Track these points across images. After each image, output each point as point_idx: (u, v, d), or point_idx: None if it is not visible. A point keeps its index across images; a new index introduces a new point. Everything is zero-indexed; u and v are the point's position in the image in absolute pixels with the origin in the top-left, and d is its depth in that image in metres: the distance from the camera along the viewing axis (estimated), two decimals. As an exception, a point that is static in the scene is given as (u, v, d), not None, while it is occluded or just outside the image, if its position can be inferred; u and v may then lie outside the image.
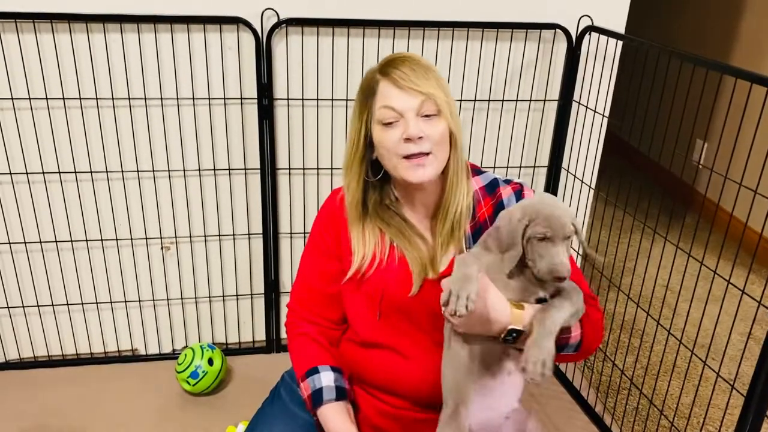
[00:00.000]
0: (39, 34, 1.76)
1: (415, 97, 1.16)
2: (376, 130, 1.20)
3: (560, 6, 1.94)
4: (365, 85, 1.22)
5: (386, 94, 1.18)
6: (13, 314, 2.08)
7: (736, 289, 1.62)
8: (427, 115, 1.17)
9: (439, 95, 1.18)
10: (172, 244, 2.07)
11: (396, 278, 1.26)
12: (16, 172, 1.90)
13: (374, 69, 1.22)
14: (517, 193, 1.27)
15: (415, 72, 1.17)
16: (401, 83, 1.16)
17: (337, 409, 1.27)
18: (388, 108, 1.17)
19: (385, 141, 1.19)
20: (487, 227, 1.24)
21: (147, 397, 2.02)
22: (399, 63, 1.19)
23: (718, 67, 1.48)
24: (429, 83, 1.18)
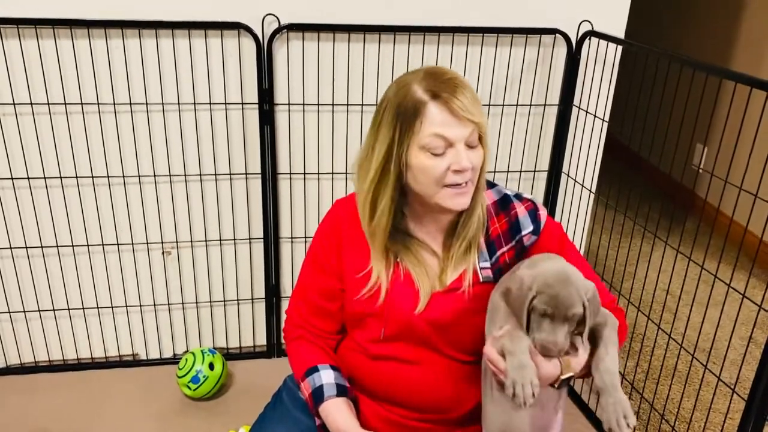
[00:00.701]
0: (41, 39, 1.77)
1: (467, 126, 1.12)
2: (418, 156, 1.13)
3: (560, 11, 1.95)
4: (408, 104, 1.12)
5: (438, 120, 1.11)
6: (14, 319, 2.08)
7: (736, 293, 1.63)
8: (473, 145, 1.14)
9: (485, 122, 1.15)
10: (173, 248, 2.08)
11: (401, 295, 1.24)
12: (17, 177, 1.91)
13: (414, 87, 1.12)
14: (531, 213, 1.26)
15: (468, 99, 1.12)
16: (459, 113, 1.10)
17: (339, 404, 1.25)
18: (440, 137, 1.11)
19: (431, 170, 1.12)
20: (500, 244, 1.24)
21: (148, 402, 2.02)
22: (451, 87, 1.11)
23: (717, 71, 1.49)
24: (479, 111, 1.13)
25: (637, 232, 3.16)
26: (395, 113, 1.13)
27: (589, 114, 2.05)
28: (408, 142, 1.12)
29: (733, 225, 3.07)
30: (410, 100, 1.12)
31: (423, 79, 1.13)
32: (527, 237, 1.25)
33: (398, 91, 1.14)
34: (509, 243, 1.25)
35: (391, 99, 1.14)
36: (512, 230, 1.24)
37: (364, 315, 1.27)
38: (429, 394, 1.27)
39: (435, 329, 1.24)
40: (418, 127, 1.11)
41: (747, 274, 2.93)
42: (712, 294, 1.76)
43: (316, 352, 1.32)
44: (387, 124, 1.14)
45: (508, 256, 1.25)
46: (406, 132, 1.12)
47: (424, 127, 1.11)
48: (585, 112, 2.05)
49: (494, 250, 1.25)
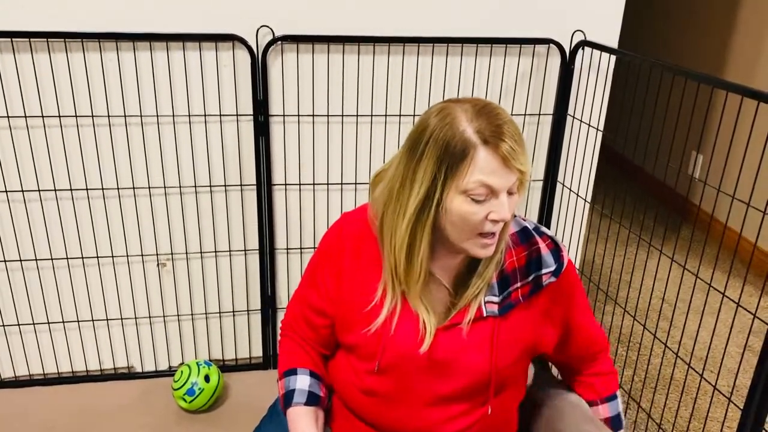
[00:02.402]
0: (35, 53, 1.77)
1: (514, 175, 1.05)
2: (457, 199, 1.05)
3: (553, 21, 1.96)
4: (456, 145, 1.03)
5: (486, 168, 1.03)
6: (8, 332, 2.07)
7: (731, 301, 1.63)
8: (513, 192, 1.07)
9: (530, 171, 1.13)
10: (168, 260, 2.07)
11: (404, 330, 1.18)
12: (11, 190, 1.90)
13: (463, 125, 1.04)
14: (555, 252, 1.19)
15: (518, 146, 1.04)
16: (510, 162, 1.03)
17: (304, 413, 1.23)
18: (486, 186, 1.04)
19: (469, 217, 1.06)
20: (515, 279, 1.17)
21: (143, 414, 2.01)
22: (503, 132, 1.03)
23: (709, 80, 1.50)
24: (527, 159, 1.06)
25: (633, 240, 3.17)
26: (441, 151, 1.04)
27: (584, 123, 2.05)
28: (451, 185, 1.05)
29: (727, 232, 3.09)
30: (459, 140, 1.03)
31: (474, 118, 1.04)
32: (547, 276, 1.18)
33: (444, 125, 1.04)
34: (525, 279, 1.18)
35: (436, 133, 1.04)
36: (531, 266, 1.18)
37: (360, 345, 1.22)
38: (410, 427, 1.22)
39: (430, 366, 1.18)
40: (463, 171, 1.03)
41: (742, 281, 2.93)
42: (708, 302, 1.76)
43: (300, 355, 1.30)
44: (430, 161, 1.05)
45: (521, 292, 1.18)
46: (451, 174, 1.04)
47: (471, 173, 1.03)
48: (579, 121, 2.06)
49: (507, 284, 1.17)
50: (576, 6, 1.96)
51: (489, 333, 1.17)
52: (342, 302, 1.22)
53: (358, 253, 1.21)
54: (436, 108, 1.09)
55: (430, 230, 1.09)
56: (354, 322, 1.21)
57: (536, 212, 2.18)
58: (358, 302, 1.20)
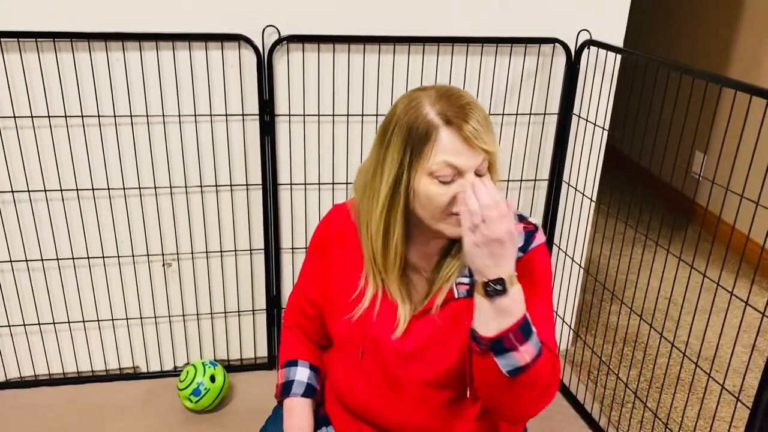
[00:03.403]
0: (42, 53, 1.78)
1: (478, 155, 1.06)
2: (423, 180, 1.06)
3: (559, 20, 1.96)
4: (419, 127, 1.05)
5: (450, 148, 1.04)
6: (14, 332, 2.07)
7: (739, 300, 1.62)
8: (481, 173, 1.08)
9: (497, 151, 1.09)
10: (173, 260, 2.07)
11: (381, 318, 1.20)
12: (17, 190, 1.90)
13: (427, 108, 1.06)
14: (528, 233, 1.17)
15: (482, 127, 1.06)
16: (472, 141, 1.04)
17: (300, 404, 1.28)
18: (451, 166, 1.05)
19: (436, 198, 1.07)
20: None
21: (148, 414, 2.01)
22: (464, 113, 1.05)
23: (717, 79, 1.49)
24: (492, 139, 1.07)
25: (638, 240, 3.16)
26: (406, 135, 1.06)
27: (589, 123, 2.05)
28: (417, 167, 1.06)
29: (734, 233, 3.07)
30: (422, 123, 1.05)
31: (436, 101, 1.06)
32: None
33: (409, 110, 1.07)
34: None
35: (401, 118, 1.08)
36: None
37: (344, 334, 1.24)
38: (404, 419, 1.23)
39: (410, 352, 1.19)
40: (428, 153, 1.05)
41: (749, 282, 2.92)
42: (715, 302, 1.75)
43: (299, 347, 1.35)
44: (396, 146, 1.08)
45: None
46: (416, 157, 1.06)
47: (435, 154, 1.05)
48: (585, 120, 2.05)
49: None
50: (581, 5, 1.95)
51: (461, 314, 1.16)
52: (329, 292, 1.25)
53: (344, 243, 1.24)
54: (403, 96, 1.12)
55: (402, 215, 1.11)
56: (339, 311, 1.23)
57: (542, 211, 2.18)
58: (343, 291, 1.22)
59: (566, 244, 2.21)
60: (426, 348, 1.18)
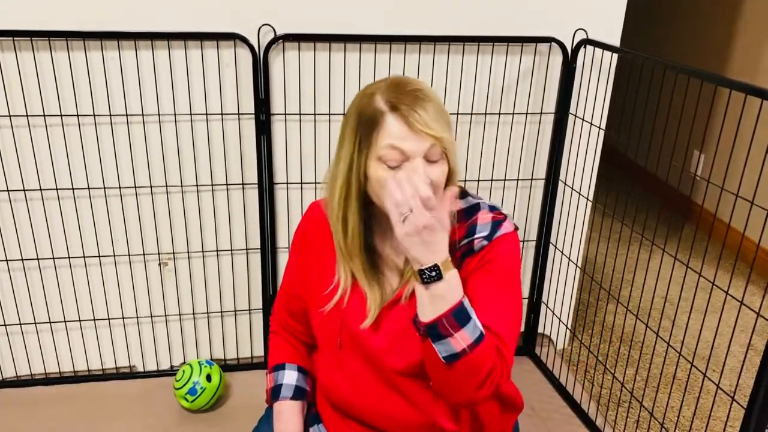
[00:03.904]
0: (37, 52, 1.77)
1: (425, 140, 1.06)
2: (373, 166, 1.09)
3: (555, 19, 1.96)
4: (367, 114, 1.09)
5: (394, 132, 1.07)
6: (10, 332, 2.07)
7: (735, 300, 1.62)
8: (433, 160, 1.08)
9: (448, 137, 1.09)
10: (170, 260, 2.07)
11: (353, 309, 1.21)
12: (13, 189, 1.90)
13: (377, 96, 1.10)
14: (495, 222, 1.17)
15: (428, 113, 1.07)
16: (416, 127, 1.06)
17: (289, 406, 1.29)
18: (397, 150, 1.07)
19: (385, 182, 1.07)
20: (454, 250, 1.14)
21: (145, 414, 2.01)
22: (411, 99, 1.07)
23: (713, 78, 1.49)
24: (442, 126, 1.08)
25: (635, 239, 3.16)
26: (356, 123, 1.10)
27: (585, 122, 2.05)
28: (367, 153, 1.09)
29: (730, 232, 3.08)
30: (370, 110, 1.09)
31: (386, 89, 1.10)
32: (479, 240, 1.17)
33: (361, 100, 1.12)
34: (461, 244, 1.18)
35: (354, 108, 1.12)
36: (467, 234, 1.17)
37: (322, 326, 1.27)
38: (385, 412, 1.23)
39: (381, 343, 1.20)
40: (375, 138, 1.08)
41: (745, 281, 2.93)
42: (711, 301, 1.75)
43: (287, 350, 1.36)
44: (350, 135, 1.12)
45: (455, 257, 1.15)
46: (365, 142, 1.09)
47: (381, 138, 1.07)
48: (581, 119, 2.05)
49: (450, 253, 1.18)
50: (578, 4, 1.95)
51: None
52: (308, 286, 1.27)
53: (321, 239, 1.26)
54: (359, 90, 1.17)
55: (357, 201, 1.13)
56: (317, 304, 1.25)
57: (538, 211, 2.18)
58: (320, 285, 1.24)
59: (563, 244, 2.21)
60: (397, 338, 1.19)
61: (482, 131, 2.06)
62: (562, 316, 2.33)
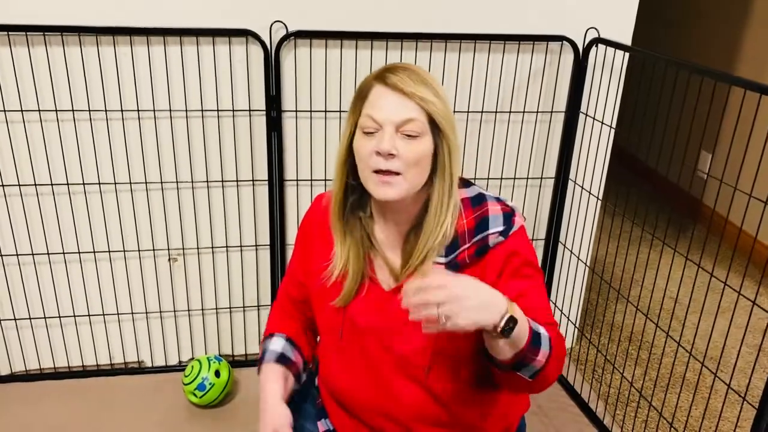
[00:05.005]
0: (50, 47, 1.78)
1: (404, 108, 1.08)
2: (356, 136, 1.13)
3: (567, 18, 1.95)
4: (359, 88, 1.14)
5: (374, 100, 1.10)
6: (19, 326, 2.08)
7: (744, 301, 1.62)
8: (409, 134, 1.08)
9: (435, 108, 1.09)
10: (179, 255, 2.07)
11: (357, 298, 1.21)
12: (24, 184, 1.91)
13: (371, 74, 1.14)
14: (506, 215, 1.17)
15: (410, 78, 1.09)
16: (397, 86, 1.08)
17: (270, 369, 1.27)
18: (371, 118, 1.09)
19: (360, 150, 1.11)
20: (464, 240, 1.15)
21: (153, 409, 2.02)
22: (399, 68, 1.11)
23: (726, 78, 1.49)
24: (425, 90, 1.09)
25: (644, 240, 3.15)
26: (353, 101, 1.15)
27: (596, 121, 2.04)
28: (356, 124, 1.13)
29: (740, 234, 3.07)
30: (361, 86, 1.14)
31: (383, 68, 1.13)
32: (494, 236, 1.15)
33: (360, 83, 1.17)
34: (472, 239, 1.16)
35: (355, 91, 1.17)
36: (479, 227, 1.16)
37: (325, 317, 1.27)
38: (383, 404, 1.23)
39: (383, 331, 1.20)
40: (361, 109, 1.12)
41: (753, 282, 2.91)
42: (721, 302, 1.75)
43: (280, 323, 1.36)
44: (348, 114, 1.16)
45: (468, 253, 1.16)
46: (355, 115, 1.13)
47: (365, 108, 1.11)
48: (592, 119, 2.05)
49: (456, 246, 1.16)
50: (590, 3, 1.95)
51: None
52: (312, 278, 1.27)
53: (324, 227, 1.25)
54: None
55: (342, 165, 1.16)
56: (321, 295, 1.25)
57: (548, 209, 2.17)
58: (321, 271, 1.25)
59: (572, 243, 2.20)
60: (399, 327, 1.18)
61: (493, 129, 2.05)
62: (571, 314, 2.32)
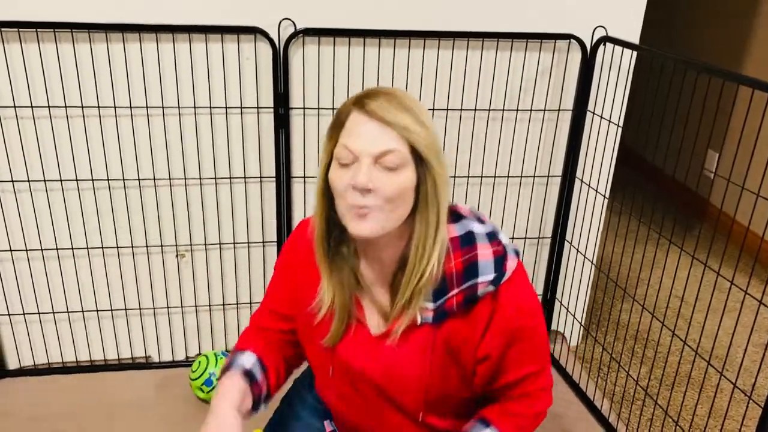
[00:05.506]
0: (59, 44, 1.79)
1: (382, 137, 0.98)
2: (332, 167, 1.03)
3: (575, 16, 1.95)
4: (337, 114, 1.04)
5: (351, 128, 1.00)
6: (28, 321, 2.09)
7: (751, 299, 1.62)
8: (389, 167, 0.98)
9: (418, 137, 0.99)
10: (187, 251, 2.08)
11: (346, 339, 1.16)
12: (34, 180, 1.92)
13: (349, 100, 1.04)
14: (498, 260, 1.06)
15: (390, 103, 0.99)
16: (377, 114, 0.98)
17: (235, 381, 1.13)
18: (347, 148, 1.00)
19: (335, 182, 1.01)
20: (452, 284, 1.06)
21: (160, 404, 2.03)
22: (379, 94, 1.01)
23: (735, 77, 1.48)
24: (406, 117, 0.99)
25: (650, 239, 3.15)
26: (329, 128, 1.05)
27: (603, 119, 2.04)
28: (331, 153, 1.03)
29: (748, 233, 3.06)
30: (341, 111, 1.04)
31: (357, 95, 1.04)
32: (483, 285, 1.05)
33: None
34: (461, 285, 1.06)
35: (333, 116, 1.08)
36: (468, 272, 1.06)
37: (314, 356, 1.23)
38: (376, 426, 1.20)
39: (369, 375, 1.15)
40: (338, 138, 1.02)
41: (760, 282, 2.91)
42: (727, 301, 1.75)
43: (257, 342, 1.25)
44: (325, 141, 1.06)
45: (456, 299, 1.06)
46: (333, 143, 1.03)
47: (342, 136, 1.01)
48: (599, 117, 2.05)
49: (445, 290, 1.07)
50: (597, 2, 1.95)
51: (423, 341, 1.11)
52: (300, 304, 1.20)
53: (311, 255, 1.16)
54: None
55: (322, 195, 1.06)
56: (308, 325, 1.19)
57: (554, 208, 2.18)
58: (308, 305, 1.17)
59: (578, 241, 2.21)
60: (386, 372, 1.14)
61: (500, 127, 2.06)
62: (576, 313, 2.33)
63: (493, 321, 1.08)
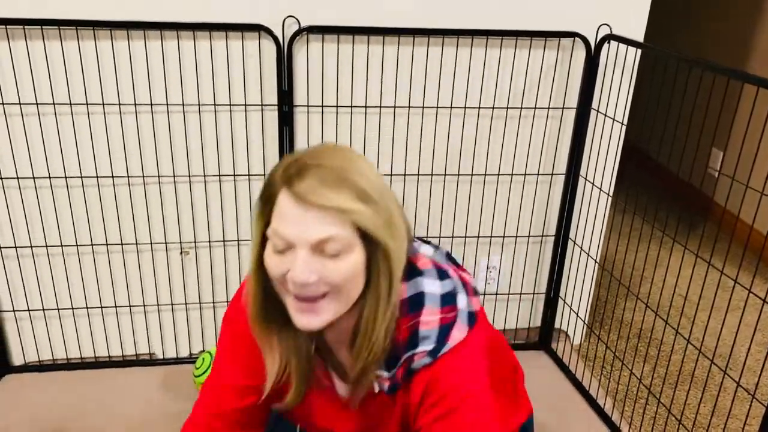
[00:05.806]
0: (64, 41, 1.79)
1: (317, 224, 0.84)
2: (267, 249, 0.90)
3: (579, 14, 1.95)
4: (266, 185, 0.91)
5: (282, 211, 0.86)
6: (33, 317, 2.10)
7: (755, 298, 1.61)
8: (331, 254, 0.86)
9: (360, 216, 0.86)
10: (191, 248, 2.09)
11: (309, 403, 1.09)
12: (39, 177, 1.93)
13: (278, 170, 0.90)
14: (442, 331, 0.94)
15: (325, 182, 0.85)
16: (307, 199, 0.84)
17: None
18: (277, 233, 0.87)
19: (272, 269, 0.90)
20: (401, 352, 0.96)
21: (164, 401, 2.03)
22: (309, 169, 0.86)
23: (739, 75, 1.48)
24: (346, 194, 0.85)
25: (654, 237, 3.14)
26: (259, 200, 0.91)
27: (608, 117, 2.04)
28: (263, 234, 0.91)
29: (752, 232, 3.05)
30: (268, 184, 0.90)
31: (284, 166, 0.89)
32: (420, 355, 0.95)
33: (271, 172, 0.93)
34: (404, 355, 0.97)
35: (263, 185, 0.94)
36: (410, 342, 0.96)
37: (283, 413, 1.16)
38: None
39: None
40: (269, 217, 0.89)
41: (764, 280, 2.90)
42: (731, 299, 1.74)
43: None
44: (256, 212, 0.92)
45: (399, 371, 0.98)
46: (264, 222, 0.90)
47: (274, 218, 0.88)
48: (603, 115, 2.04)
49: (397, 358, 0.97)
50: None
51: (383, 411, 1.06)
52: (261, 369, 1.07)
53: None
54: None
55: (256, 268, 0.95)
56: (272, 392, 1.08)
57: (558, 206, 2.18)
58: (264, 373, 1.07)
59: (582, 239, 2.20)
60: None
61: (504, 125, 2.06)
62: (579, 311, 2.33)
63: (426, 396, 0.97)
